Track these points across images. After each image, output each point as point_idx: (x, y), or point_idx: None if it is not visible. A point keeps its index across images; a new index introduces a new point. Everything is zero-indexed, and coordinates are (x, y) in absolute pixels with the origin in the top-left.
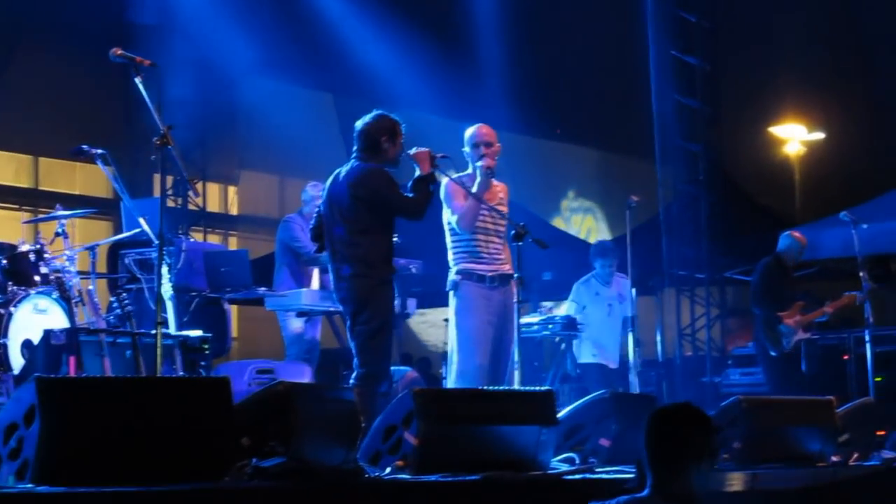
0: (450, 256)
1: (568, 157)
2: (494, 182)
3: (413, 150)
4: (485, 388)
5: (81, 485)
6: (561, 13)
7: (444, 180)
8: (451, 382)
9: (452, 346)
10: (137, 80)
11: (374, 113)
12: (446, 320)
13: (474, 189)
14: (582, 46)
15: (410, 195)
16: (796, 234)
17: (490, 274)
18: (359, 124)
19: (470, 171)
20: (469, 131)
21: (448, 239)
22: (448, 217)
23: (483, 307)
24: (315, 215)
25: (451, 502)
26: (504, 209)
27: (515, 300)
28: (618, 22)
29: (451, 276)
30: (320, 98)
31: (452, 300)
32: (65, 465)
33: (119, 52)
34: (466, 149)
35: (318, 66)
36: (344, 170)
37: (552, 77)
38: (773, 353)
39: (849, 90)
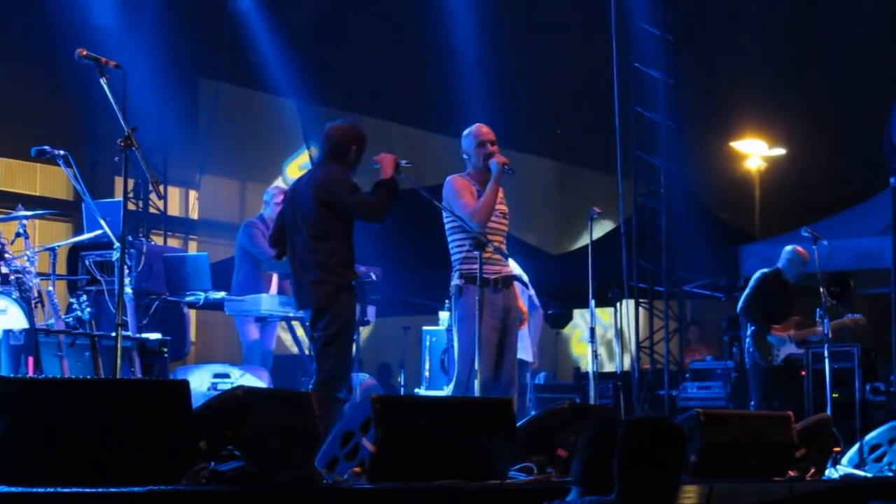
0: (452, 256)
1: (531, 168)
2: None
3: (377, 156)
4: (444, 396)
5: (39, 485)
6: (525, 25)
7: (449, 178)
8: (451, 388)
9: (455, 352)
10: (103, 82)
11: (347, 120)
12: (406, 328)
13: (489, 185)
14: (545, 57)
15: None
16: (799, 248)
17: (494, 277)
18: (330, 129)
19: (470, 170)
20: (470, 131)
21: (450, 237)
22: (453, 214)
23: (488, 312)
24: (276, 219)
25: None
26: (505, 208)
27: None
28: (581, 33)
29: (455, 280)
30: (283, 104)
31: (455, 305)
32: (22, 465)
33: (84, 52)
34: (468, 148)
35: (282, 73)
36: (307, 175)
37: (514, 88)
38: (762, 364)
39: (810, 107)
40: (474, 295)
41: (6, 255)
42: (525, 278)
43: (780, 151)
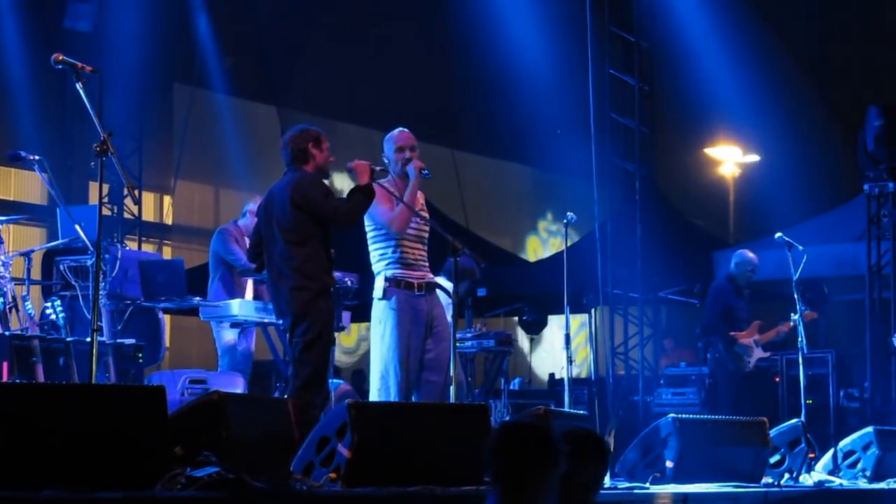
0: (375, 263)
1: (506, 173)
2: None
3: (353, 162)
4: (418, 401)
5: (13, 491)
6: (500, 31)
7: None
8: (373, 393)
9: (376, 356)
10: (79, 86)
11: (297, 126)
12: None
13: (408, 191)
14: (519, 63)
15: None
16: (748, 253)
17: (418, 282)
18: (284, 140)
19: (391, 176)
20: (391, 135)
21: (371, 245)
22: (374, 221)
23: (411, 316)
24: (253, 233)
25: None
26: (425, 214)
27: (450, 315)
28: (557, 39)
29: (379, 282)
30: (262, 110)
31: (379, 308)
32: None
33: (60, 57)
34: (388, 154)
35: (261, 78)
36: (280, 182)
37: (490, 94)
38: (733, 370)
39: (784, 113)
40: (398, 299)
41: None
42: (449, 288)
43: (754, 158)
